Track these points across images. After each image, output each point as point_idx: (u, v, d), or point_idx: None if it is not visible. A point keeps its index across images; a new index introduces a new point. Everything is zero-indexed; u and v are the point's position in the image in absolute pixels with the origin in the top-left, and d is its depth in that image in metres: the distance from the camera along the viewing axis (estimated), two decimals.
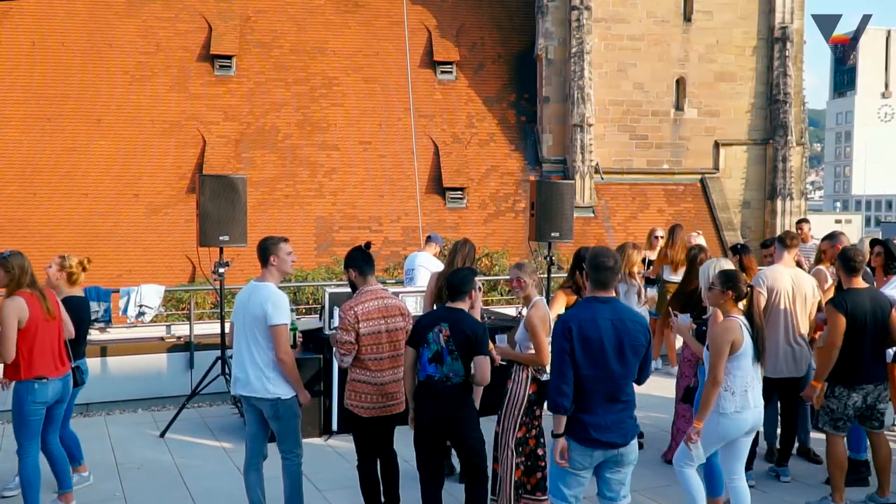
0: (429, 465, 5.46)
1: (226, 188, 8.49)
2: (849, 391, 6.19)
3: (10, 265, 5.82)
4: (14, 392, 5.91)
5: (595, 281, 4.72)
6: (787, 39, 26.84)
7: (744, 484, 5.46)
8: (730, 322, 5.31)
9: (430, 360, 5.30)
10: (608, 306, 4.68)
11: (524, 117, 27.59)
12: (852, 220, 74.18)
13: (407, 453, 7.11)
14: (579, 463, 4.65)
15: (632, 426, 4.71)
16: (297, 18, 27.40)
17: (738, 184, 27.53)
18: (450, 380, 5.28)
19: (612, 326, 4.60)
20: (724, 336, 5.25)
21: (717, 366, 5.22)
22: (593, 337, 4.57)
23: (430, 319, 5.45)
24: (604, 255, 4.74)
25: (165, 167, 24.50)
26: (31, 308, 5.84)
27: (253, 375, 5.50)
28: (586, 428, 4.59)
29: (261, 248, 5.65)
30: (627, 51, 26.66)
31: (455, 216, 25.45)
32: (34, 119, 24.17)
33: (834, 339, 6.12)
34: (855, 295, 6.21)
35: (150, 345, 9.86)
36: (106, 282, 12.71)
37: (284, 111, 26.06)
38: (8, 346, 5.73)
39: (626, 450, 4.68)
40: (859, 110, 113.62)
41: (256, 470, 5.69)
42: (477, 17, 28.52)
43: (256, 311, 5.47)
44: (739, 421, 5.29)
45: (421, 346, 5.35)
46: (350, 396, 5.63)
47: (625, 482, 4.75)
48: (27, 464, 5.89)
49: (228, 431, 8.31)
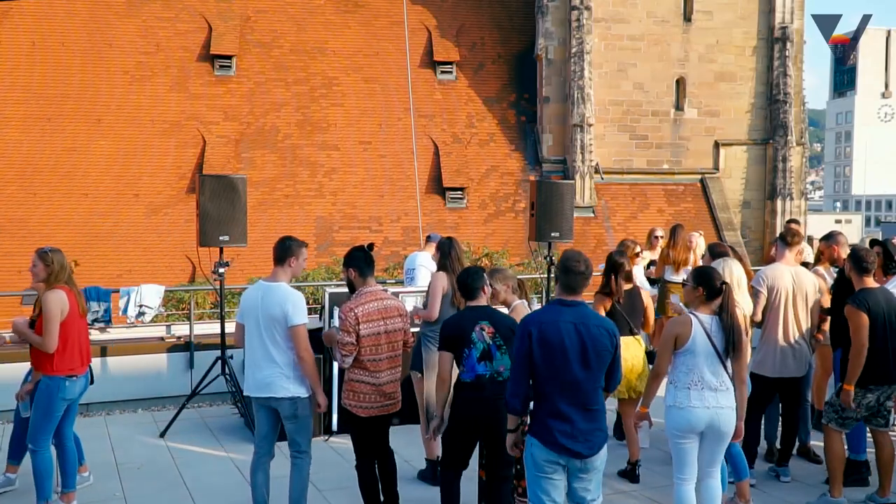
0: (460, 458, 5.46)
1: (226, 188, 8.48)
2: (864, 391, 6.16)
3: (50, 259, 5.97)
4: (43, 387, 5.97)
5: (563, 285, 4.65)
6: (787, 39, 26.85)
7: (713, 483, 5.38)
8: (682, 318, 5.32)
9: (479, 360, 5.27)
10: (573, 310, 4.59)
11: (524, 117, 27.60)
12: (852, 220, 74.18)
13: (407, 453, 7.12)
14: (549, 466, 4.60)
15: (600, 437, 4.62)
16: (297, 18, 27.40)
17: (738, 184, 27.54)
18: (501, 375, 5.26)
19: (575, 330, 4.51)
20: (669, 329, 5.30)
21: (659, 357, 5.33)
22: (554, 340, 4.50)
23: (466, 321, 5.37)
24: (575, 259, 4.66)
25: (165, 167, 24.50)
26: (70, 303, 5.99)
27: (272, 375, 5.49)
28: (552, 432, 4.53)
29: (283, 247, 5.62)
30: (627, 51, 26.66)
31: (455, 216, 25.46)
32: (34, 119, 24.17)
33: (862, 340, 6.04)
34: (871, 294, 6.19)
35: (150, 345, 9.85)
36: (106, 282, 12.72)
37: (284, 111, 26.06)
38: (53, 337, 5.86)
39: (591, 459, 4.59)
40: (859, 110, 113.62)
41: (264, 470, 5.68)
42: (477, 17, 28.53)
43: (275, 312, 5.46)
44: (686, 415, 5.20)
45: (465, 347, 5.27)
46: (348, 396, 5.62)
47: (590, 488, 4.67)
48: (45, 457, 5.98)
49: (228, 431, 8.31)
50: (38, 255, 6.02)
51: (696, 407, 5.19)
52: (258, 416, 5.72)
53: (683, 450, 5.29)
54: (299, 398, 5.54)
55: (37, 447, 5.96)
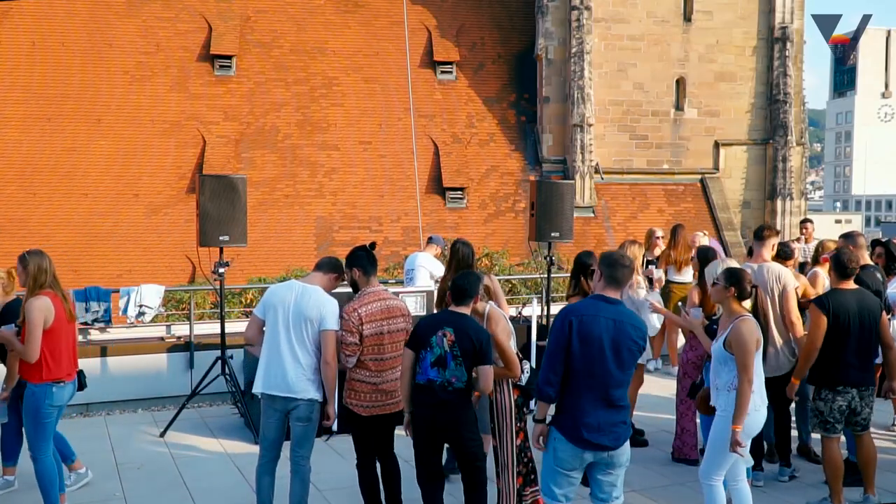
0: (428, 467, 5.40)
1: (226, 188, 8.48)
2: (833, 395, 6.12)
3: (27, 262, 5.79)
4: (30, 395, 5.84)
5: (609, 277, 4.71)
6: (787, 39, 26.85)
7: (745, 486, 5.43)
8: (750, 321, 5.25)
9: (433, 364, 5.18)
10: (613, 307, 4.67)
11: (524, 117, 27.60)
12: (852, 220, 74.20)
13: (407, 453, 7.11)
14: (569, 462, 4.63)
15: (625, 430, 4.67)
16: (297, 18, 27.40)
17: (738, 184, 27.54)
18: (451, 385, 5.16)
19: (614, 326, 4.58)
20: (753, 335, 5.18)
21: (750, 365, 5.12)
22: (594, 333, 4.56)
23: (432, 322, 5.31)
24: (619, 255, 4.82)
25: (165, 167, 24.50)
26: (56, 309, 5.80)
27: (294, 376, 5.47)
28: (578, 427, 4.57)
29: (335, 264, 5.73)
30: (627, 51, 26.66)
31: (455, 216, 25.45)
32: (34, 119, 24.16)
33: (814, 339, 6.06)
34: (840, 295, 6.13)
35: (150, 345, 9.84)
36: (106, 282, 12.73)
37: (284, 111, 26.06)
38: (34, 347, 5.67)
39: (617, 452, 4.64)
40: (859, 110, 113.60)
41: (271, 474, 5.66)
42: (477, 17, 28.52)
43: (311, 314, 5.46)
44: (759, 418, 5.25)
45: (422, 348, 5.22)
46: (349, 395, 5.62)
47: (616, 483, 4.71)
48: (46, 464, 5.88)
49: (228, 431, 8.30)
50: (18, 261, 5.85)
51: (763, 407, 5.27)
52: (267, 420, 5.64)
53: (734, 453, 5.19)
54: (316, 401, 5.55)
55: (37, 455, 5.86)
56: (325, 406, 5.60)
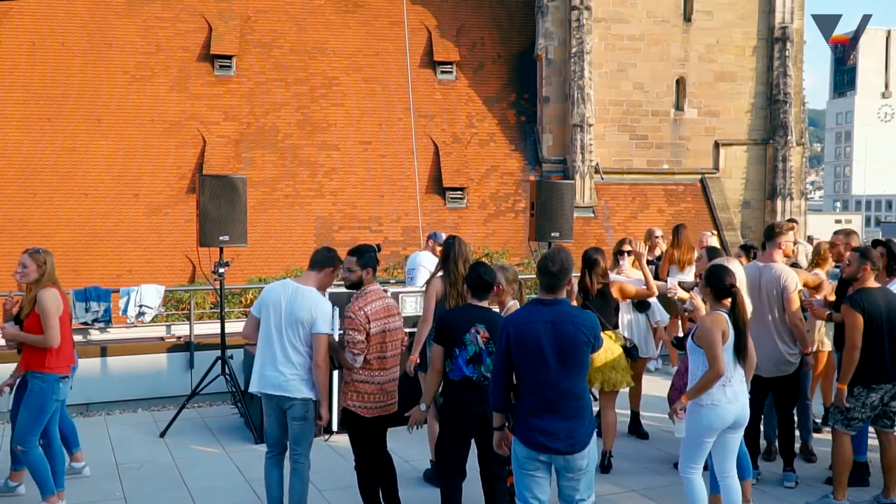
0: (455, 461, 5.40)
1: (226, 188, 8.49)
2: (867, 391, 6.16)
3: (43, 259, 6.00)
4: (37, 389, 5.98)
5: (540, 284, 4.70)
6: (787, 39, 26.85)
7: (735, 482, 5.45)
8: (717, 315, 5.33)
9: (469, 362, 5.25)
10: (551, 309, 4.61)
11: (524, 117, 27.60)
12: (852, 220, 74.10)
13: (408, 453, 7.12)
14: (529, 464, 4.63)
15: (582, 437, 4.58)
16: (297, 18, 27.40)
17: (738, 184, 27.54)
18: (487, 380, 5.20)
19: (552, 330, 4.53)
20: (717, 327, 5.26)
21: (718, 356, 5.19)
22: (529, 341, 4.54)
23: (462, 320, 5.33)
24: (550, 260, 4.69)
25: (165, 167, 24.50)
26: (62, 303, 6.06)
27: (289, 375, 5.49)
28: (532, 431, 4.55)
29: (326, 257, 5.67)
30: (627, 51, 26.66)
31: (455, 216, 25.46)
32: (34, 119, 24.16)
33: (854, 340, 6.07)
34: (870, 294, 6.19)
35: (150, 345, 9.85)
36: (106, 282, 12.74)
37: (284, 111, 26.06)
38: (54, 333, 5.92)
39: (573, 457, 4.57)
40: (859, 110, 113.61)
41: (279, 466, 5.69)
42: (477, 17, 28.52)
43: (303, 315, 5.47)
44: (720, 412, 5.26)
45: (455, 346, 5.26)
46: (352, 397, 5.58)
47: (579, 488, 4.66)
48: (36, 454, 6.00)
49: (228, 431, 8.31)
50: (29, 256, 6.01)
51: (731, 403, 5.26)
52: (268, 418, 5.69)
53: (706, 445, 5.35)
54: (311, 400, 5.56)
55: (26, 447, 5.97)
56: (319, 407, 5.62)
